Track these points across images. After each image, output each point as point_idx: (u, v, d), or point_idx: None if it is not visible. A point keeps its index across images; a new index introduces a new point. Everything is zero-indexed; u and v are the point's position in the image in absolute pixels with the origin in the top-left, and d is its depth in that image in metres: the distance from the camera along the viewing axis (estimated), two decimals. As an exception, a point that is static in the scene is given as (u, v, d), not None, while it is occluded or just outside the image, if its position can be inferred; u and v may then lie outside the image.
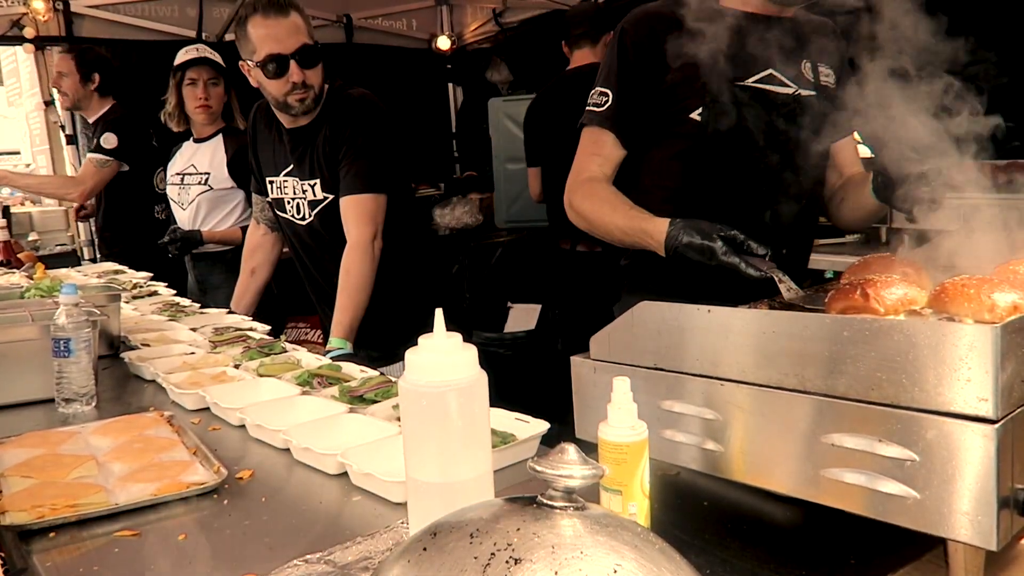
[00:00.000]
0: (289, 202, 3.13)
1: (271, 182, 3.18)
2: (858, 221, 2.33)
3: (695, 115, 2.09)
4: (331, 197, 3.00)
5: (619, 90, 2.17)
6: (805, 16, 2.19)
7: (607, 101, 2.18)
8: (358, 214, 2.91)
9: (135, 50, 6.53)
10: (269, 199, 3.24)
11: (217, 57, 4.42)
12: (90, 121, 5.13)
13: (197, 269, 4.61)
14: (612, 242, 2.16)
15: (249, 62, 2.90)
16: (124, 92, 5.17)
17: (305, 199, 3.07)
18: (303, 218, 3.11)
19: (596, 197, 2.17)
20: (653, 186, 2.18)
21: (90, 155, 4.91)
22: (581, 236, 2.41)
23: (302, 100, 2.90)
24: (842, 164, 2.29)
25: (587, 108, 2.21)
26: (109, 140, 4.85)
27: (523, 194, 6.67)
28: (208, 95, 4.36)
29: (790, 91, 2.11)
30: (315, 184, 3.02)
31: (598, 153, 2.20)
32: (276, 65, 2.83)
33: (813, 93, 2.13)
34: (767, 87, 2.09)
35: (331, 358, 2.46)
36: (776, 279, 1.71)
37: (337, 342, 2.74)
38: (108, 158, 4.79)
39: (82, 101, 5.03)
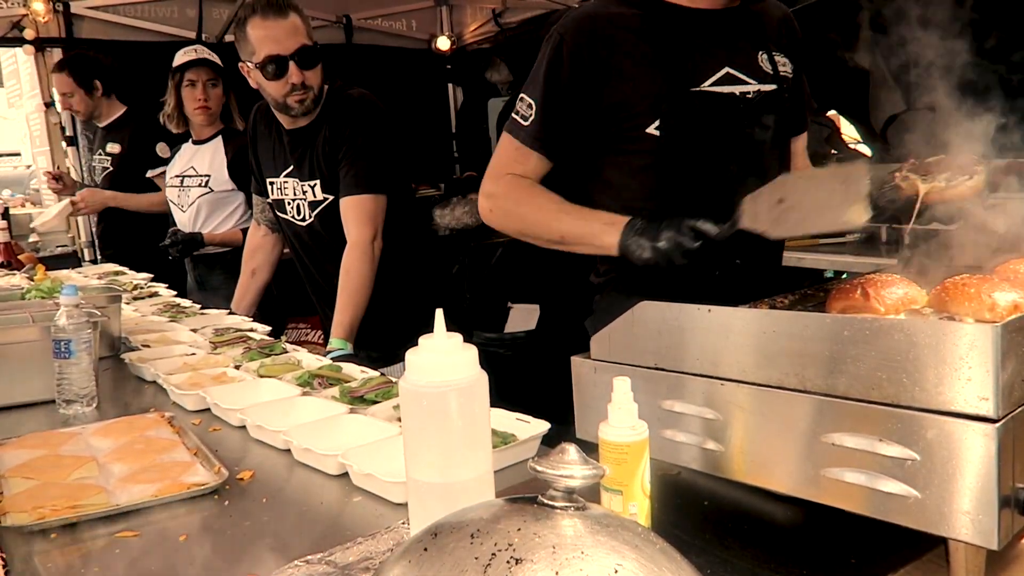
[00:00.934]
0: (289, 203, 3.12)
1: (271, 183, 3.18)
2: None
3: (651, 129, 1.90)
4: (331, 198, 2.99)
5: (546, 106, 1.96)
6: (755, 3, 2.05)
7: (531, 116, 1.98)
8: (357, 215, 2.91)
9: (135, 51, 6.53)
10: (269, 200, 3.23)
11: (216, 58, 4.42)
12: (101, 126, 5.13)
13: (197, 270, 4.61)
14: (548, 245, 1.99)
15: (248, 63, 2.90)
16: (129, 91, 5.19)
17: (305, 200, 3.06)
18: (303, 219, 3.10)
19: (530, 198, 2.00)
20: (610, 203, 1.94)
21: (155, 172, 4.95)
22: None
23: (301, 101, 2.90)
24: (795, 160, 2.20)
25: (512, 115, 2.02)
26: (164, 150, 4.90)
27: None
28: (207, 96, 4.36)
29: (751, 88, 1.95)
30: (315, 185, 3.01)
31: (522, 163, 2.01)
32: (275, 66, 2.83)
33: (774, 86, 1.98)
34: (726, 89, 1.92)
35: (331, 359, 2.46)
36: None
37: (337, 343, 2.74)
38: (165, 168, 4.82)
39: (95, 110, 5.06)
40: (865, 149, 8.20)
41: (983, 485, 0.99)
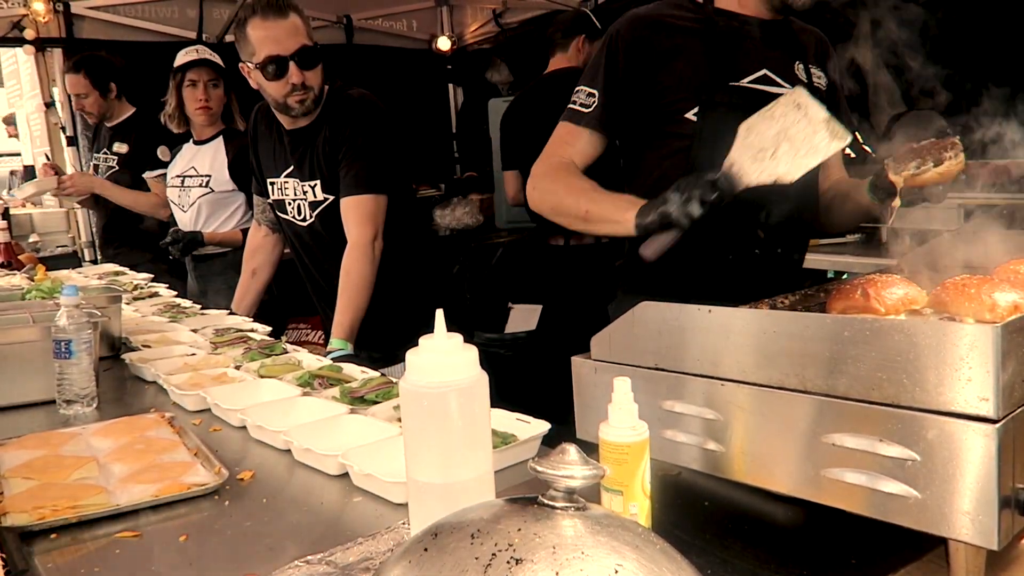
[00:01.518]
0: (290, 203, 3.11)
1: (272, 183, 3.17)
2: (847, 223, 2.38)
3: (690, 115, 2.09)
4: (331, 198, 2.99)
5: (606, 91, 2.15)
6: (796, 22, 2.24)
7: (594, 102, 2.16)
8: (358, 215, 2.91)
9: (135, 51, 6.52)
10: (270, 200, 3.23)
11: (217, 58, 4.42)
12: (109, 126, 5.13)
13: (197, 270, 4.61)
14: (573, 227, 2.16)
15: (248, 64, 2.90)
16: (132, 92, 5.19)
17: (306, 200, 3.06)
18: (304, 219, 3.10)
19: (562, 180, 2.15)
20: (648, 187, 2.08)
21: (152, 174, 4.94)
22: (572, 231, 2.38)
23: (302, 101, 2.90)
24: (830, 168, 2.32)
25: (570, 107, 2.19)
26: (164, 153, 4.90)
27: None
28: (208, 96, 4.36)
29: (784, 91, 2.05)
30: (315, 185, 3.01)
31: (571, 144, 2.19)
32: (275, 67, 2.82)
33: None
34: (761, 87, 2.10)
35: (332, 359, 2.46)
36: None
37: (338, 343, 2.74)
38: (165, 171, 4.83)
39: (107, 112, 5.07)
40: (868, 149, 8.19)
41: (983, 485, 0.99)
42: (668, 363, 1.34)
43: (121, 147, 5.04)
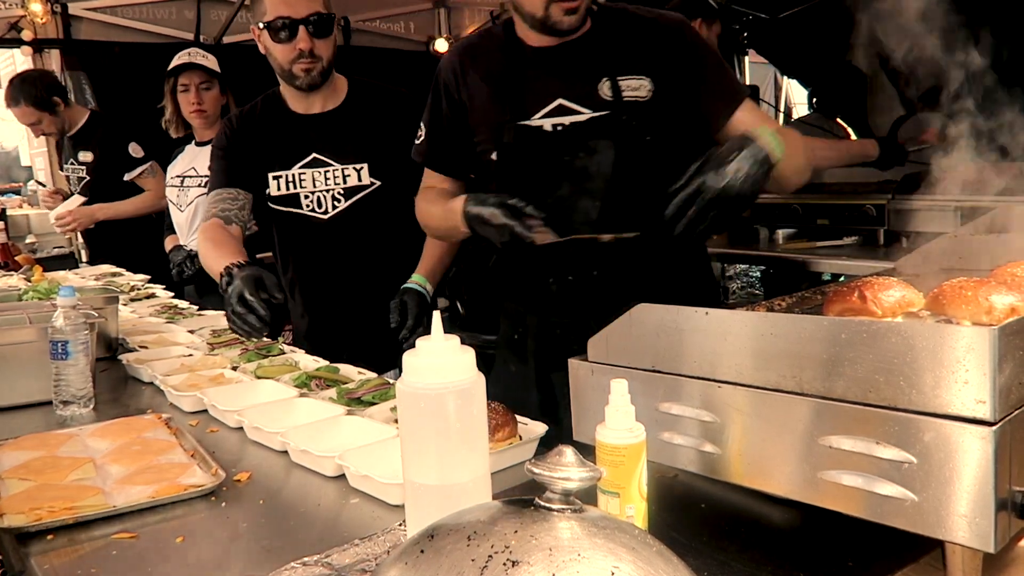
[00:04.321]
0: (307, 196, 2.82)
1: (276, 177, 2.84)
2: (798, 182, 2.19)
3: (492, 156, 2.18)
4: (378, 184, 2.80)
5: (430, 129, 2.34)
6: (616, 27, 2.15)
7: (422, 137, 2.37)
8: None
9: (133, 53, 6.53)
10: (268, 197, 2.85)
11: (209, 61, 4.38)
12: (69, 135, 5.11)
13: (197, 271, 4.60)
14: (438, 236, 2.47)
15: (258, 27, 2.71)
16: (110, 94, 5.17)
17: (336, 189, 2.80)
18: (325, 211, 2.81)
19: (427, 205, 2.35)
20: None
21: (133, 174, 4.93)
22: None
23: (308, 71, 2.70)
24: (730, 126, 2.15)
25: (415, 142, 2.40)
26: (136, 150, 4.88)
27: (521, 196, 6.66)
28: (201, 100, 4.32)
29: (582, 117, 2.08)
30: (361, 168, 2.79)
31: (430, 177, 2.42)
32: (285, 30, 2.63)
33: (607, 112, 2.07)
34: (556, 119, 2.09)
35: (403, 288, 2.59)
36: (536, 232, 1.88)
37: (418, 278, 2.68)
38: (148, 164, 4.80)
39: (64, 125, 5.03)
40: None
41: (980, 488, 0.99)
42: (665, 365, 1.34)
43: (86, 155, 5.01)
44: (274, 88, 2.89)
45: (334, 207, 2.81)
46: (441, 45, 8.27)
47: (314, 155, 2.81)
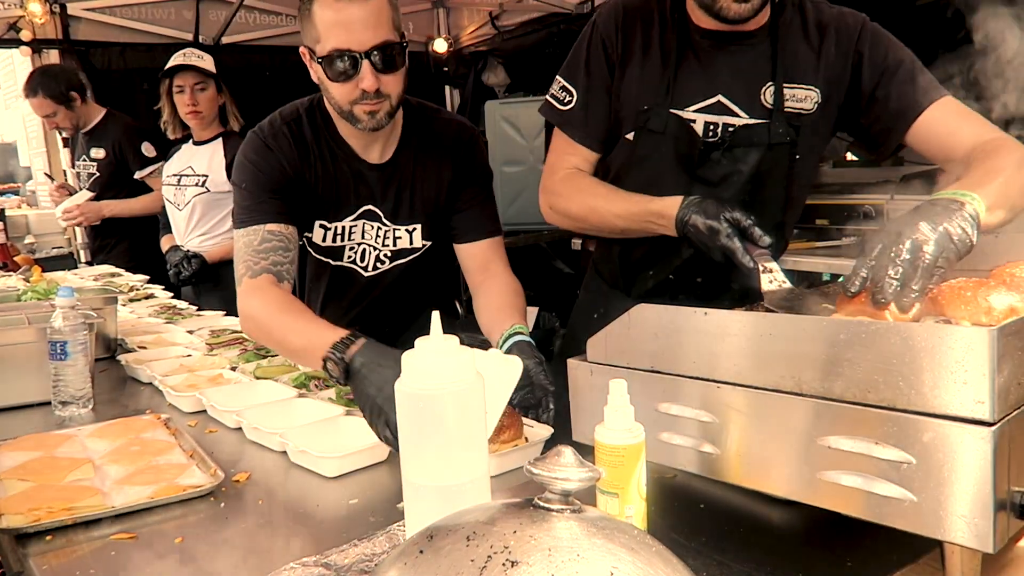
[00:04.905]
0: (352, 248, 2.41)
1: (325, 227, 2.39)
2: None
3: (628, 135, 2.03)
4: (429, 245, 2.44)
5: (586, 93, 2.07)
6: (793, 25, 1.99)
7: (570, 101, 2.08)
8: (502, 255, 2.46)
9: (132, 53, 6.53)
10: (307, 240, 2.41)
11: (205, 61, 4.36)
12: (83, 132, 5.12)
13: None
14: (610, 233, 2.10)
15: (310, 51, 2.16)
16: (110, 95, 5.18)
17: (385, 249, 2.43)
18: (366, 268, 2.44)
19: (583, 190, 2.07)
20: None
21: (144, 172, 4.93)
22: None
23: (373, 114, 2.17)
24: (942, 140, 1.93)
25: (548, 100, 2.12)
26: (149, 149, 4.88)
27: (520, 196, 6.67)
28: (195, 101, 4.31)
29: (738, 121, 1.96)
30: (414, 230, 2.40)
31: (574, 153, 2.12)
32: (344, 64, 2.10)
33: (765, 121, 1.95)
34: (710, 117, 1.96)
35: (510, 344, 2.15)
36: (761, 268, 1.66)
37: (519, 327, 2.22)
38: (159, 164, 4.81)
39: (79, 121, 5.05)
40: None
41: (979, 488, 0.99)
42: (664, 365, 1.34)
43: (98, 152, 5.03)
44: (319, 97, 2.34)
45: (376, 267, 2.44)
46: (440, 45, 8.26)
47: (370, 207, 2.39)
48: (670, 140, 1.97)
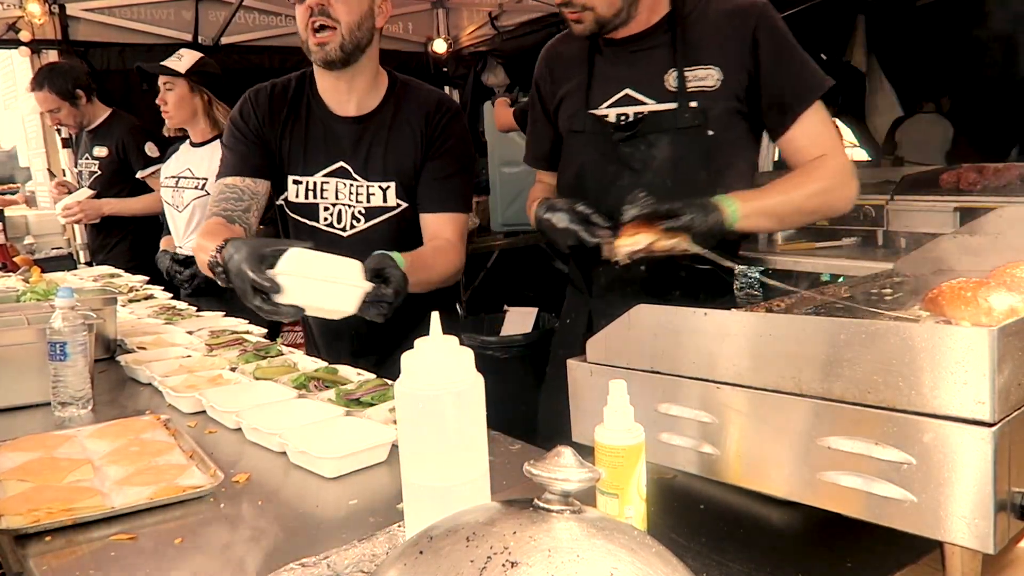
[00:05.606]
0: (327, 208, 2.50)
1: (297, 182, 2.51)
2: None
3: (567, 142, 2.31)
4: (405, 206, 2.48)
5: (531, 127, 2.47)
6: (690, 14, 2.12)
7: (529, 139, 2.49)
8: (460, 233, 2.50)
9: (131, 53, 6.52)
10: (284, 200, 2.56)
11: (181, 62, 4.31)
12: (88, 130, 5.12)
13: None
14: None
15: None
16: (109, 94, 5.17)
17: (360, 206, 2.48)
18: (344, 228, 2.50)
19: (532, 200, 2.35)
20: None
21: (145, 172, 4.93)
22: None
23: (322, 45, 2.25)
24: (792, 158, 2.14)
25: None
26: (152, 149, 4.88)
27: (519, 196, 6.67)
28: (165, 100, 4.29)
29: (646, 108, 2.12)
30: (387, 188, 2.46)
31: (538, 180, 2.51)
32: None
33: (673, 105, 2.08)
34: (621, 109, 2.15)
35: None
36: (604, 243, 1.92)
37: (398, 255, 2.16)
38: (159, 166, 4.81)
39: (83, 119, 5.05)
40: (862, 153, 8.23)
41: (979, 489, 0.99)
42: (664, 366, 1.34)
43: (101, 151, 5.03)
44: (311, 68, 2.48)
45: (353, 225, 2.50)
46: (439, 46, 8.26)
47: (341, 164, 2.48)
48: (590, 136, 2.19)
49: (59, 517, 1.45)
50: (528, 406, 2.60)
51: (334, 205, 2.49)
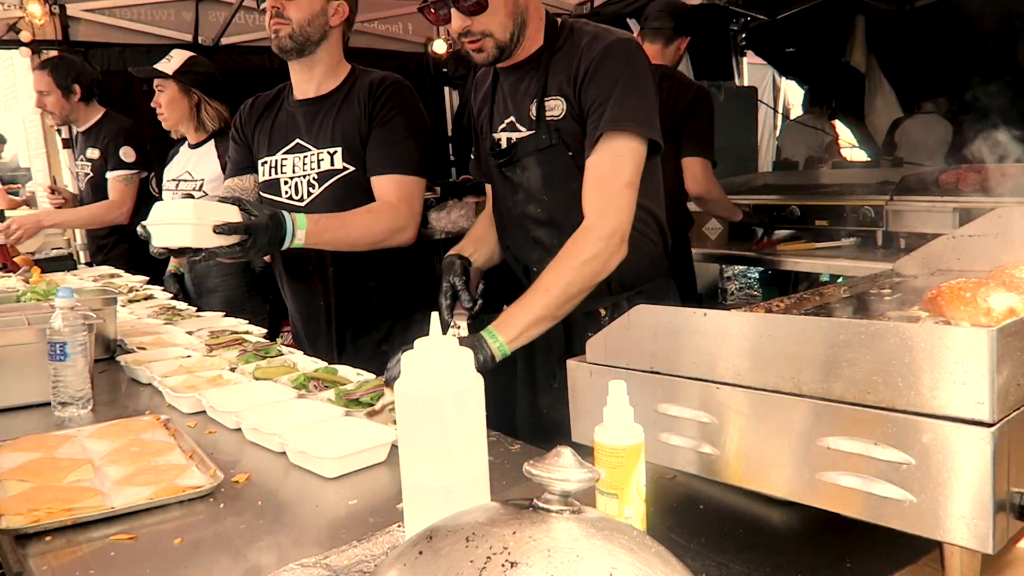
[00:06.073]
0: (286, 182, 2.78)
1: (263, 163, 2.85)
2: None
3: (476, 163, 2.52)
4: (352, 170, 2.71)
5: (475, 145, 2.55)
6: (555, 48, 2.20)
7: (472, 156, 2.59)
8: (404, 195, 2.68)
9: (131, 54, 6.52)
10: (259, 186, 2.90)
11: (168, 63, 4.30)
12: (80, 131, 5.11)
13: (194, 272, 4.59)
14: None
15: None
16: (109, 95, 5.16)
17: (312, 173, 2.73)
18: (301, 199, 2.75)
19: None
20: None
21: (113, 175, 4.90)
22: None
23: (276, 32, 2.63)
24: (585, 180, 2.17)
25: None
26: (128, 154, 4.86)
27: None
28: (158, 103, 4.30)
29: (520, 134, 2.25)
30: (335, 152, 2.71)
31: (489, 196, 2.57)
32: None
33: (531, 132, 2.22)
34: (508, 134, 2.29)
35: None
36: (452, 324, 2.19)
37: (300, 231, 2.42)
38: (132, 171, 4.80)
39: (70, 115, 5.01)
40: (860, 154, 8.23)
41: (978, 489, 0.99)
42: (663, 366, 1.34)
43: (93, 152, 5.01)
44: None
45: (309, 193, 2.74)
46: (439, 46, 8.27)
47: (297, 141, 2.79)
48: (490, 157, 2.35)
49: (59, 517, 1.45)
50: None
51: (292, 179, 2.78)
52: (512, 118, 2.27)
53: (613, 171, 2.08)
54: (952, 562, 1.07)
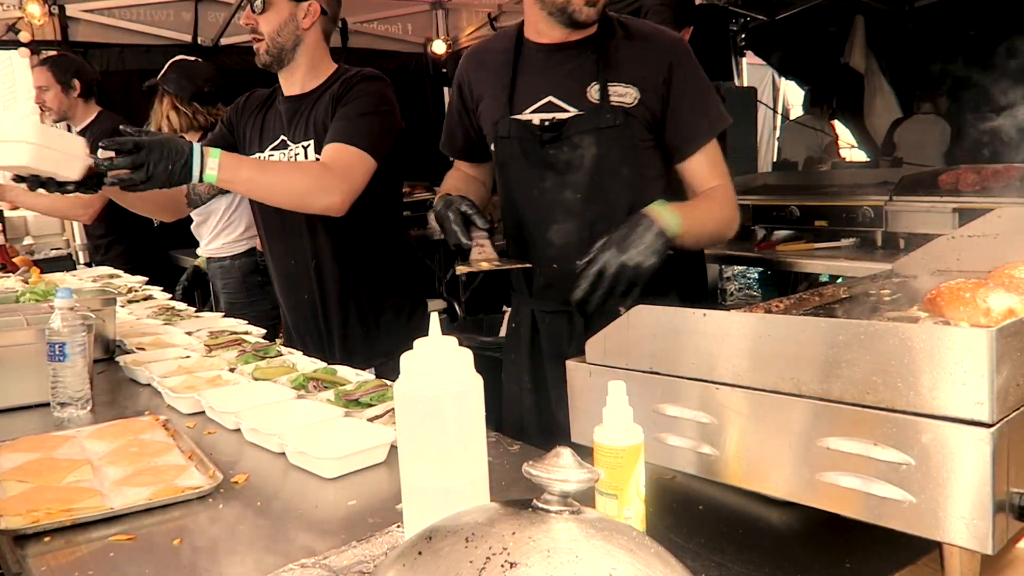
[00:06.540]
0: None
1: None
2: None
3: (492, 147, 2.38)
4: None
5: (446, 119, 2.59)
6: (615, 36, 2.25)
7: (445, 131, 2.60)
8: (340, 162, 2.60)
9: (130, 54, 6.52)
10: None
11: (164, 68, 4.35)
12: (76, 131, 5.10)
13: (211, 271, 4.58)
14: None
15: None
16: (108, 96, 5.16)
17: None
18: None
19: (447, 178, 2.62)
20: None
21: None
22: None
23: (256, 50, 2.78)
24: (692, 181, 2.30)
25: None
26: (104, 155, 4.84)
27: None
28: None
29: (567, 115, 2.22)
30: (308, 145, 2.79)
31: (455, 166, 2.65)
32: (243, 8, 2.72)
33: (583, 112, 2.21)
34: (544, 115, 2.24)
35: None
36: (474, 243, 2.08)
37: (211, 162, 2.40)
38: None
39: (68, 111, 5.01)
40: (860, 154, 8.22)
41: (978, 489, 0.99)
42: (663, 367, 1.34)
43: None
44: None
45: None
46: (439, 47, 8.27)
47: (282, 137, 2.87)
48: (515, 141, 2.28)
49: (58, 517, 1.45)
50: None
51: None
52: (551, 97, 2.24)
53: (724, 172, 2.28)
54: (952, 562, 1.07)
